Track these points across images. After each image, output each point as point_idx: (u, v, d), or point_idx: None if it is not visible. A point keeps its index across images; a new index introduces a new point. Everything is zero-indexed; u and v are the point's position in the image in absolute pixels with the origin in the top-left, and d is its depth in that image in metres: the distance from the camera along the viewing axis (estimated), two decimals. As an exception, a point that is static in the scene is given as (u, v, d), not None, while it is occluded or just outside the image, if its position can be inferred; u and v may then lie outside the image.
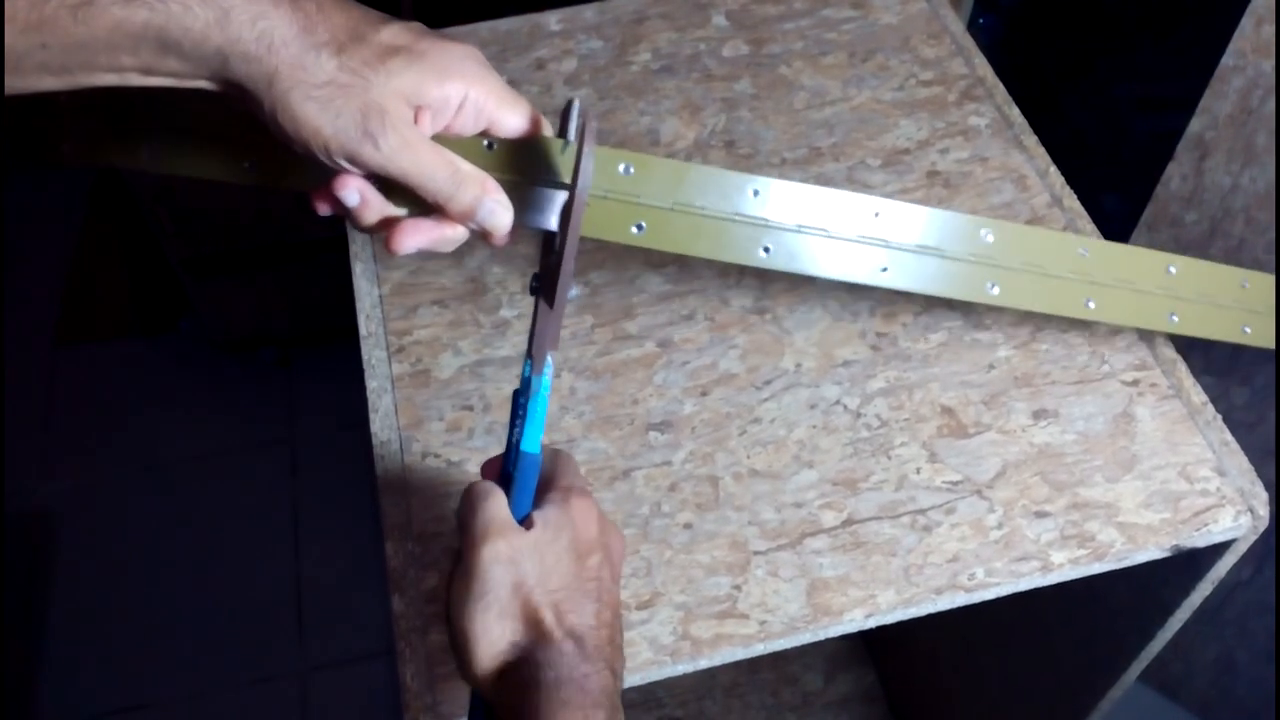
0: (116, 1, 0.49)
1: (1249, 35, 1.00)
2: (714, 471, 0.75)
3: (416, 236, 0.60)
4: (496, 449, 0.76)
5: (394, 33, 0.56)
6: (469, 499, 0.56)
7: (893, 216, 0.65)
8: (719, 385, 0.79)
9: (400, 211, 0.60)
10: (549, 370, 0.58)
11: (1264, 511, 0.73)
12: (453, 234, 0.61)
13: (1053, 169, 0.91)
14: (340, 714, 1.71)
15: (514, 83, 0.97)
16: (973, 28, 1.11)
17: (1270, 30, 0.98)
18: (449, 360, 0.81)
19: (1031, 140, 0.93)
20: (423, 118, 0.57)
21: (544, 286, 0.58)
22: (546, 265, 0.59)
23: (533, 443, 0.58)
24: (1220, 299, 0.71)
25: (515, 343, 0.81)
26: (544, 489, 0.58)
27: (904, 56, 0.99)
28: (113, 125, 0.67)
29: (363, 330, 0.82)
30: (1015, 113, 0.95)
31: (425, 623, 0.69)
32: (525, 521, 0.56)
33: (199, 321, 2.06)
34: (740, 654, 0.68)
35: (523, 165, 0.61)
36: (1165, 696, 1.57)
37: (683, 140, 0.93)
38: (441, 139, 0.59)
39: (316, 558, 1.86)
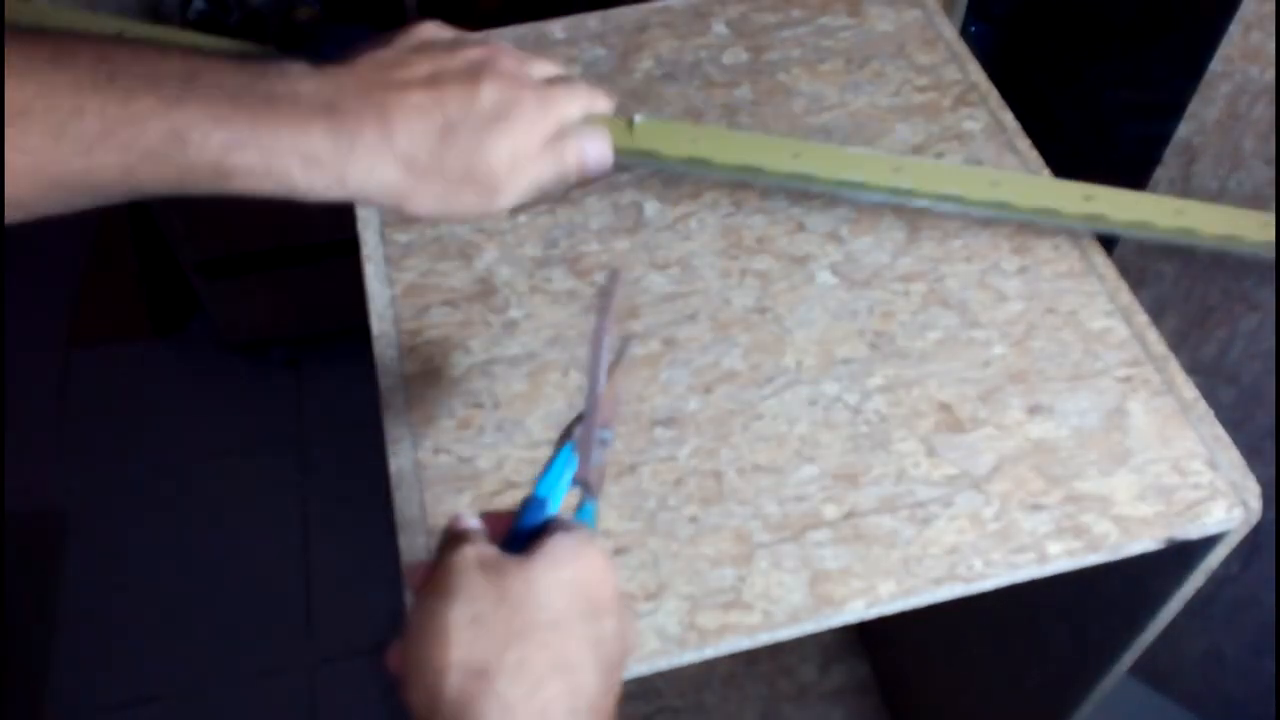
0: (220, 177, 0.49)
1: (1237, 42, 1.02)
2: (718, 466, 0.77)
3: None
4: (506, 445, 0.78)
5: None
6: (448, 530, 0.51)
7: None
8: (722, 383, 0.81)
9: None
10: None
11: (1256, 504, 0.75)
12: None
13: (1046, 171, 0.93)
14: (348, 707, 1.73)
15: (520, 88, 0.99)
16: (964, 35, 1.13)
17: (1258, 36, 1.01)
18: (459, 359, 0.83)
19: (1025, 144, 0.95)
20: None
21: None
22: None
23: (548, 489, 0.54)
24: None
25: (524, 342, 0.83)
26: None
27: (899, 63, 1.01)
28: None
29: (375, 330, 0.84)
30: (1008, 117, 0.97)
31: (438, 614, 0.71)
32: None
33: (210, 322, 2.08)
34: (745, 644, 0.70)
35: None
36: (1154, 689, 1.59)
37: (685, 144, 0.95)
38: None
39: (325, 553, 1.88)
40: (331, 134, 0.50)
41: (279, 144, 0.50)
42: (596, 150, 0.58)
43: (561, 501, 0.54)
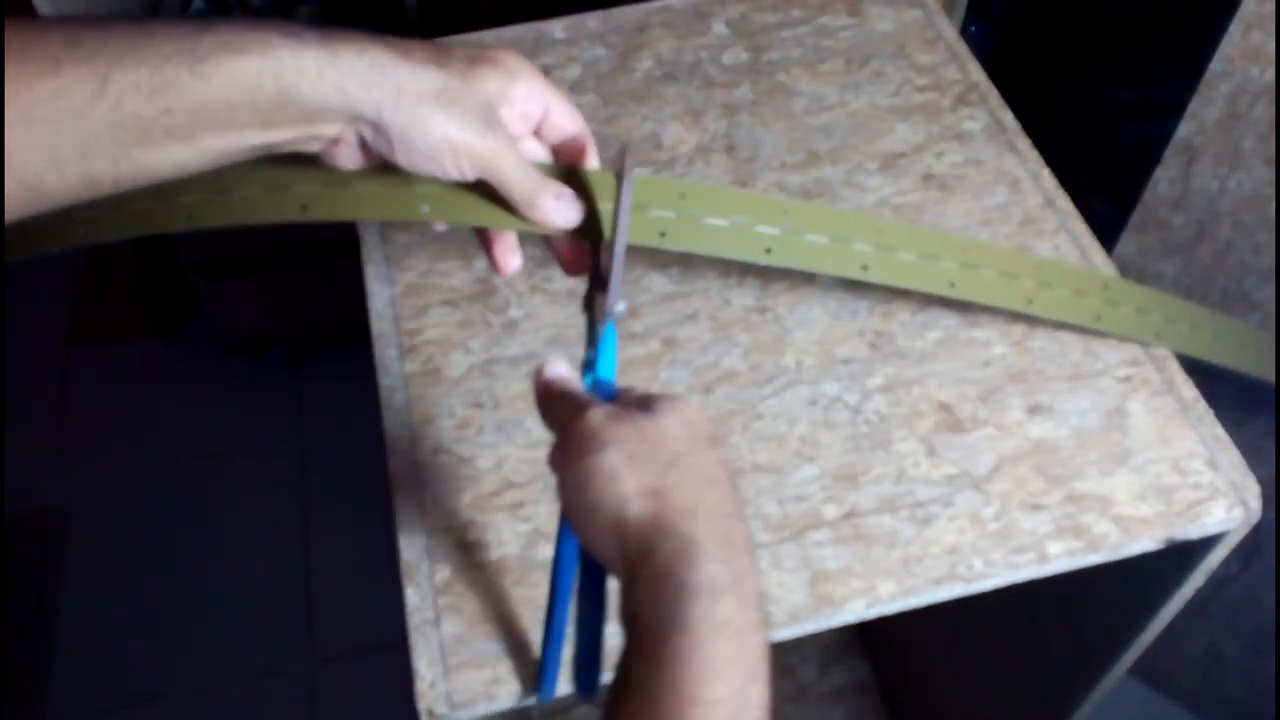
0: (230, 54, 0.51)
1: (1237, 42, 1.03)
2: (718, 466, 0.77)
3: (518, 255, 0.64)
4: (506, 445, 0.78)
5: (460, 50, 0.58)
6: (553, 394, 0.57)
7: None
8: (722, 383, 0.81)
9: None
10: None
11: (1256, 504, 0.75)
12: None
13: (1045, 171, 0.93)
14: (348, 706, 1.73)
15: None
16: (964, 35, 1.13)
17: (1258, 36, 1.01)
18: (459, 359, 0.83)
19: (1024, 144, 0.95)
20: (509, 114, 0.59)
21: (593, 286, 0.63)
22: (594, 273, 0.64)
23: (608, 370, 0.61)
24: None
25: (524, 342, 0.83)
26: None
27: (899, 63, 1.01)
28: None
29: (375, 330, 0.84)
30: (1008, 117, 0.97)
31: (438, 614, 0.71)
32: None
33: (210, 322, 2.08)
34: (745, 643, 0.70)
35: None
36: (1154, 688, 1.59)
37: (684, 145, 0.95)
38: None
39: (325, 553, 1.89)
40: None
41: None
42: (570, 216, 0.62)
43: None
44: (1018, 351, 0.82)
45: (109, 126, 0.50)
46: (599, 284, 0.62)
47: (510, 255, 0.63)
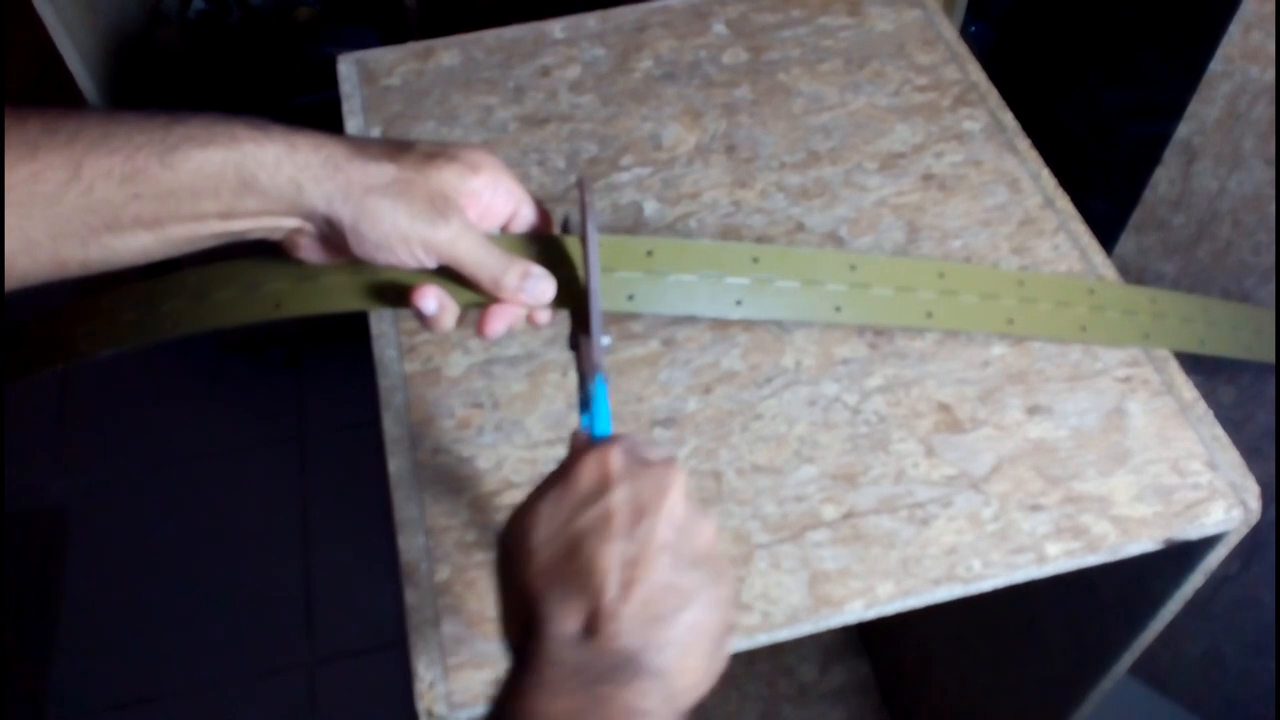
0: (197, 145, 0.53)
1: (1237, 42, 1.02)
2: (717, 467, 0.77)
3: (503, 320, 0.63)
4: (505, 445, 0.78)
5: (423, 145, 0.60)
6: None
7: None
8: (721, 383, 0.81)
9: (457, 308, 0.63)
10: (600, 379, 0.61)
11: (1255, 504, 0.75)
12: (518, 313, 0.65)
13: (1045, 172, 0.93)
14: (347, 706, 1.73)
15: (520, 89, 0.99)
16: (964, 35, 1.13)
17: (1258, 36, 1.00)
18: (458, 359, 0.83)
19: (1024, 144, 0.95)
20: (467, 206, 0.60)
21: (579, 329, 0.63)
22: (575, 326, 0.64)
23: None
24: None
25: (523, 342, 0.83)
26: None
27: (899, 63, 1.01)
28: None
29: (374, 330, 0.84)
30: (1008, 117, 0.97)
31: (437, 614, 0.71)
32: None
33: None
34: (744, 644, 0.70)
35: (540, 258, 0.65)
36: (1154, 689, 1.59)
37: (684, 145, 0.95)
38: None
39: (324, 553, 1.89)
40: None
41: None
42: (541, 291, 0.62)
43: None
44: (1017, 352, 0.82)
45: (80, 210, 0.52)
46: (581, 325, 0.63)
47: (495, 321, 0.63)
